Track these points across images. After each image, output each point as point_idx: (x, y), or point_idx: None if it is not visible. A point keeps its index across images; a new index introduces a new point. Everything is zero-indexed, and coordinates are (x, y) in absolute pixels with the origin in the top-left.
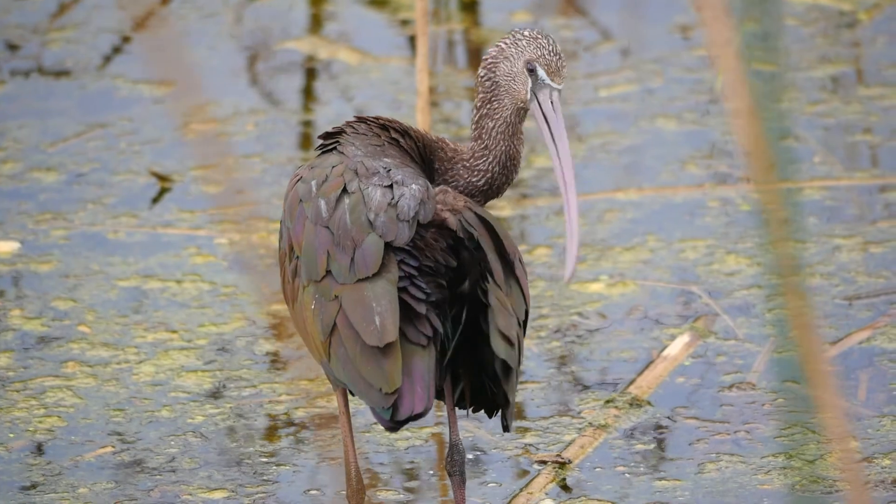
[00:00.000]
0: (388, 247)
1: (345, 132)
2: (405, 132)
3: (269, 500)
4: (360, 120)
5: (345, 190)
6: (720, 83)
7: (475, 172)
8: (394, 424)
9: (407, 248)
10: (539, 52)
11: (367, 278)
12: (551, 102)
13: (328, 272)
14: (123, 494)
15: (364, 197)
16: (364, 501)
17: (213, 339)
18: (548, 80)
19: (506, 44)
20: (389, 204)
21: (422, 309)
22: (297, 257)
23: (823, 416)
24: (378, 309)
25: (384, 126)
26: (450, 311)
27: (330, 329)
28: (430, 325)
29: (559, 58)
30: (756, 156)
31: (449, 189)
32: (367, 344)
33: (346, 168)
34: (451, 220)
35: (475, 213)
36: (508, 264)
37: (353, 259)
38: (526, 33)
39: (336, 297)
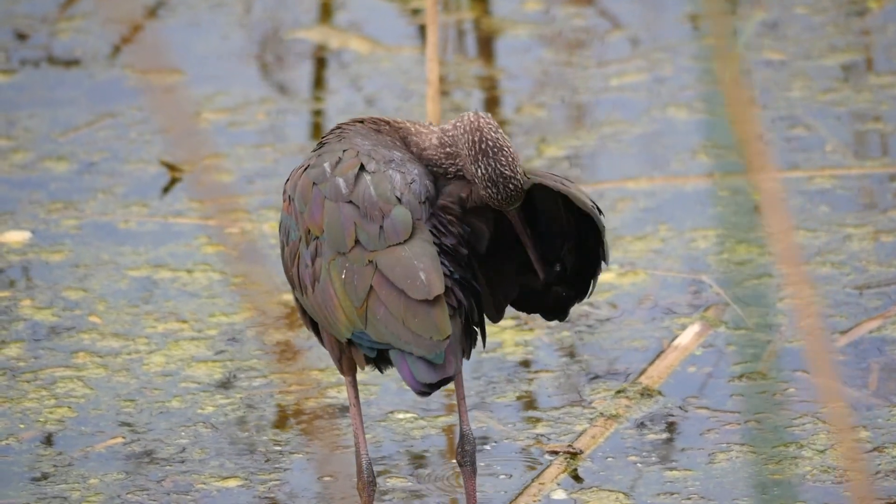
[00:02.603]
0: (415, 224)
1: (343, 129)
2: (386, 123)
3: (283, 487)
4: (356, 121)
5: (363, 169)
6: (729, 73)
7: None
8: (426, 389)
9: (429, 230)
10: (484, 193)
11: (399, 244)
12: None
13: (357, 242)
14: (134, 485)
15: (387, 177)
16: (375, 493)
17: (223, 329)
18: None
19: (468, 142)
20: (409, 186)
21: (447, 283)
22: (317, 237)
23: (832, 407)
24: (421, 265)
25: (377, 129)
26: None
27: (366, 293)
28: (455, 298)
29: (500, 194)
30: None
31: None
32: (411, 299)
33: (358, 153)
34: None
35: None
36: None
37: (381, 227)
38: (481, 148)
39: (370, 261)
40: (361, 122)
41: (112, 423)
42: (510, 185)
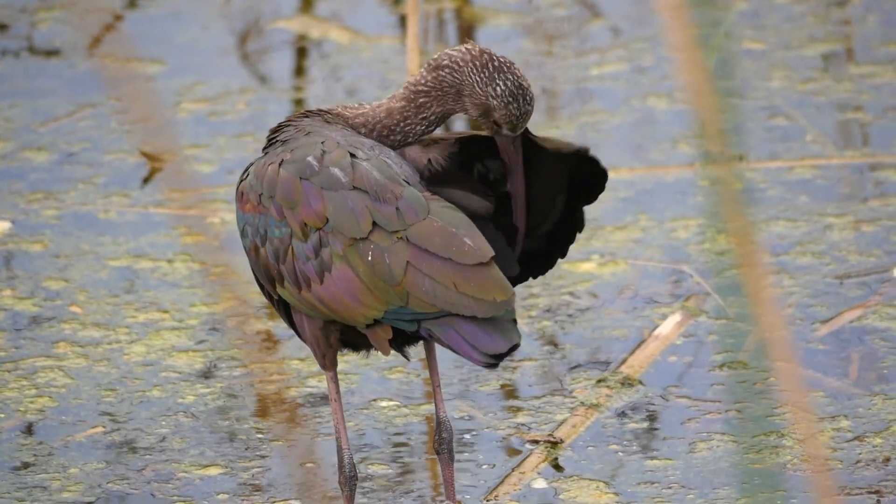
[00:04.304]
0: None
1: (297, 125)
2: (328, 112)
3: (265, 475)
4: (303, 115)
5: (354, 157)
6: (713, 61)
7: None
8: (493, 360)
9: None
10: (505, 111)
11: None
12: (508, 148)
13: (375, 225)
14: (115, 474)
15: (383, 162)
16: (356, 487)
17: (204, 318)
18: (505, 131)
19: (475, 67)
20: (402, 167)
21: None
22: (318, 229)
23: (813, 396)
24: (461, 232)
25: (326, 121)
26: None
27: (403, 270)
28: None
29: (521, 108)
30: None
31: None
32: (460, 265)
33: (339, 143)
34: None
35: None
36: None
37: (398, 209)
38: (495, 66)
39: (400, 238)
40: (308, 115)
41: (93, 413)
42: (528, 96)
